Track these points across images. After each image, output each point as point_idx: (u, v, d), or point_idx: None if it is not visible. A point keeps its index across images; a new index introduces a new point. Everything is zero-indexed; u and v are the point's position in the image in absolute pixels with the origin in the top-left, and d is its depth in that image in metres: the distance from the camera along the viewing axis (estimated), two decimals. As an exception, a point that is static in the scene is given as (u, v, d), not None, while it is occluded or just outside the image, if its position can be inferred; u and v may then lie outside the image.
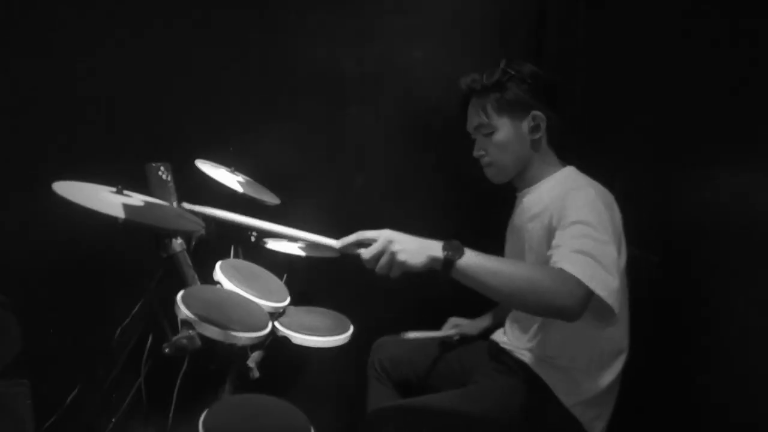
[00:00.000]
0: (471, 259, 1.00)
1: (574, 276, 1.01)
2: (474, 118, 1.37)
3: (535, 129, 1.32)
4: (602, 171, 1.49)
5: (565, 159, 1.39)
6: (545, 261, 1.12)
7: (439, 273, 1.01)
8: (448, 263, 1.00)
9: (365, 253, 1.02)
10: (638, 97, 1.63)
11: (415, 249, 1.00)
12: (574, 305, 1.00)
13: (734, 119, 1.27)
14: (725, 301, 1.30)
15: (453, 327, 1.63)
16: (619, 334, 1.28)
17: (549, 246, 1.15)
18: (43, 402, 1.51)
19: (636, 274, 1.49)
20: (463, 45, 1.90)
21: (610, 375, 1.26)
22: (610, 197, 1.24)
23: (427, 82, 1.88)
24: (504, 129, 1.33)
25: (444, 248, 1.00)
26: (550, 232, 1.20)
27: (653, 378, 1.47)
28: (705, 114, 1.36)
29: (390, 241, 1.01)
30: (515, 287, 1.00)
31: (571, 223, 1.12)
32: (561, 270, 1.03)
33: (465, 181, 1.46)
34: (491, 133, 1.34)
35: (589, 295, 1.02)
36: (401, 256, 0.99)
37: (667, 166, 1.50)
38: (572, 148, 1.87)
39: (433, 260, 1.00)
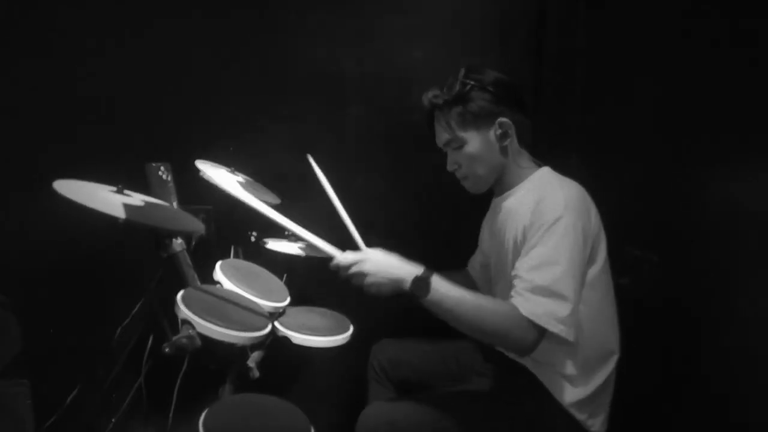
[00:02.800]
0: (435, 297, 1.11)
1: (527, 319, 1.09)
2: (442, 135, 1.37)
3: (503, 136, 1.32)
4: (602, 171, 1.50)
5: (552, 158, 1.39)
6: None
7: (406, 298, 1.13)
8: (413, 298, 1.12)
9: (341, 274, 1.17)
10: (638, 97, 1.64)
11: (383, 281, 1.13)
12: (523, 348, 1.12)
13: (734, 119, 1.27)
14: (725, 300, 1.30)
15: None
16: (608, 337, 1.29)
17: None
18: (43, 402, 1.51)
19: (636, 274, 1.50)
20: (463, 45, 1.90)
21: (602, 376, 1.27)
22: (583, 199, 1.24)
23: (427, 82, 1.87)
24: (472, 141, 1.32)
25: (412, 286, 1.11)
26: (525, 244, 1.22)
27: (653, 377, 1.47)
28: (705, 113, 1.36)
29: (362, 273, 1.13)
30: (472, 326, 1.12)
31: (533, 247, 1.16)
32: (516, 310, 1.11)
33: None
34: (461, 147, 1.34)
35: (542, 334, 1.11)
36: (372, 289, 1.13)
37: (667, 166, 1.50)
38: (572, 148, 1.89)
39: (401, 291, 1.13)
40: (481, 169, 1.35)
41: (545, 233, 1.15)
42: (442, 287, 1.11)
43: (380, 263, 1.14)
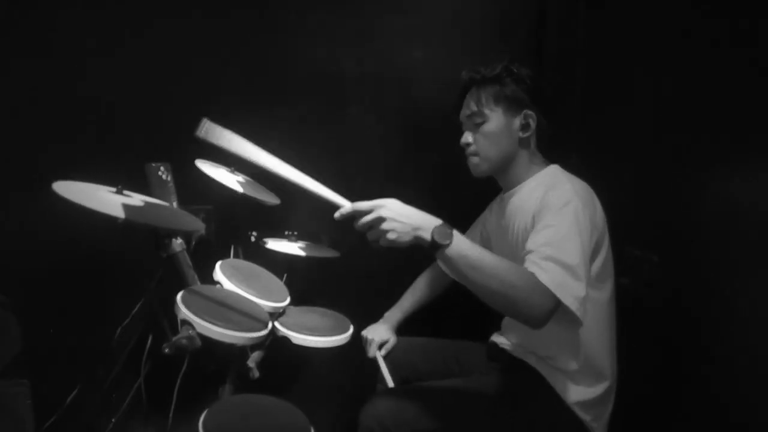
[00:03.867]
0: (456, 249, 1.04)
1: (544, 286, 1.05)
2: (469, 106, 1.40)
3: (525, 127, 1.35)
4: (602, 171, 1.49)
5: (553, 158, 1.40)
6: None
7: (424, 251, 1.05)
8: (433, 248, 1.04)
9: (358, 225, 1.07)
10: (638, 97, 1.63)
11: (404, 228, 1.04)
12: (539, 316, 1.05)
13: (734, 119, 1.27)
14: (725, 300, 1.30)
15: (377, 346, 1.56)
16: (610, 336, 1.30)
17: None
18: (43, 402, 1.51)
19: (636, 274, 1.50)
20: (463, 45, 1.90)
21: (606, 376, 1.28)
22: (590, 194, 1.26)
23: (427, 82, 1.88)
24: (495, 120, 1.35)
25: (434, 233, 1.04)
26: (534, 225, 1.22)
27: (653, 378, 1.47)
28: (705, 113, 1.36)
29: (381, 218, 1.04)
30: (490, 286, 1.04)
31: (544, 227, 1.15)
32: (534, 276, 1.06)
33: (464, 181, 1.46)
34: (482, 123, 1.36)
35: (557, 305, 1.06)
36: (390, 235, 1.04)
37: (667, 166, 1.50)
38: (572, 148, 1.89)
39: (421, 240, 1.04)
40: (493, 151, 1.37)
41: (556, 214, 1.16)
42: (462, 239, 1.05)
43: (399, 210, 1.05)
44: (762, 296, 1.19)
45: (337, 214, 1.09)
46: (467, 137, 1.40)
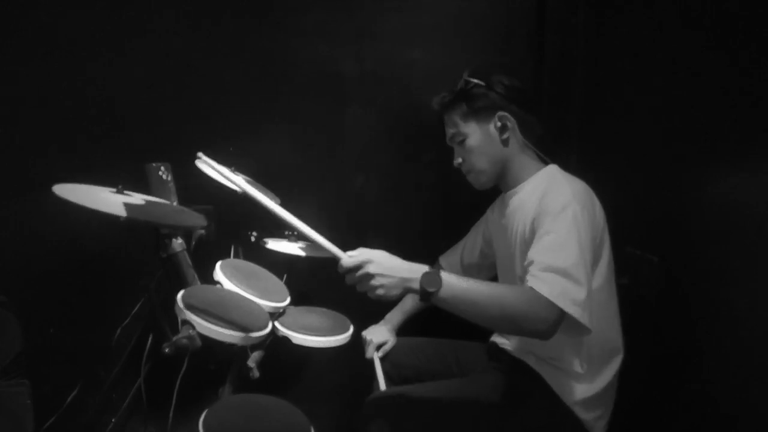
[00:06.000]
0: (447, 291, 1.06)
1: (544, 297, 1.06)
2: (448, 130, 1.43)
3: (502, 129, 1.36)
4: (602, 171, 1.49)
5: (552, 158, 1.40)
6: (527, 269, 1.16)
7: (418, 298, 1.07)
8: (425, 296, 1.06)
9: (347, 279, 1.08)
10: (639, 97, 1.64)
11: (392, 282, 1.06)
12: (545, 329, 1.07)
13: (735, 119, 1.27)
14: (725, 301, 1.30)
15: (375, 347, 1.56)
16: (612, 335, 1.30)
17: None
18: (43, 402, 1.51)
19: (636, 274, 1.50)
20: (463, 45, 1.90)
21: (608, 375, 1.28)
22: (589, 195, 1.26)
23: (427, 82, 1.88)
24: (474, 135, 1.37)
25: (422, 281, 1.05)
26: (533, 236, 1.22)
27: (653, 378, 1.47)
28: (705, 113, 1.36)
29: (369, 275, 1.06)
30: (491, 314, 1.07)
31: (544, 234, 1.16)
32: (532, 290, 1.08)
33: (464, 181, 1.46)
34: (463, 141, 1.39)
35: (561, 314, 1.07)
36: (379, 291, 1.06)
37: (667, 166, 1.50)
38: (573, 150, 1.89)
39: (411, 291, 1.07)
40: (482, 162, 1.38)
41: (554, 220, 1.16)
42: (452, 279, 1.07)
43: (385, 264, 1.07)
44: (762, 296, 1.19)
45: (341, 267, 1.10)
46: (457, 158, 1.43)
